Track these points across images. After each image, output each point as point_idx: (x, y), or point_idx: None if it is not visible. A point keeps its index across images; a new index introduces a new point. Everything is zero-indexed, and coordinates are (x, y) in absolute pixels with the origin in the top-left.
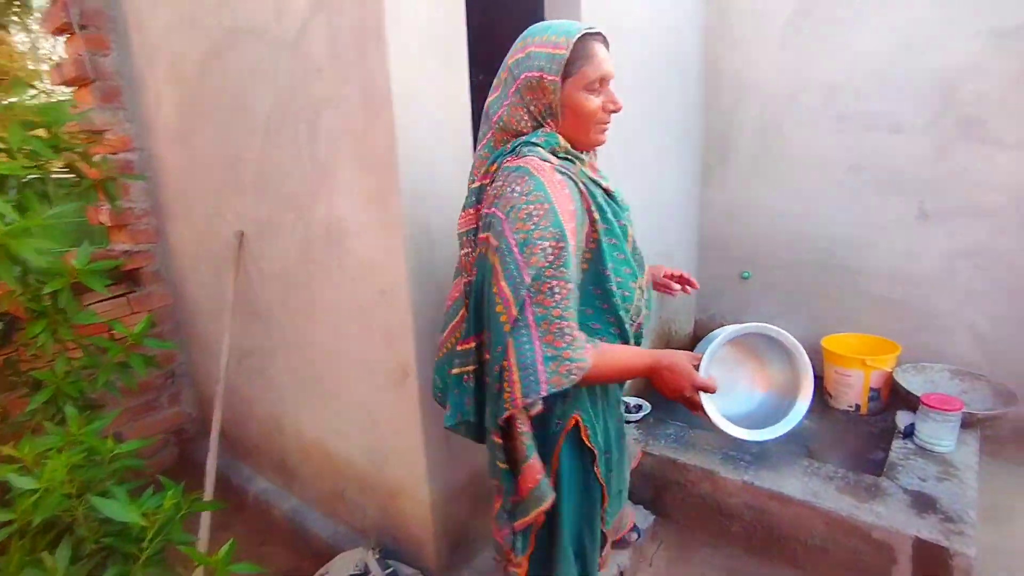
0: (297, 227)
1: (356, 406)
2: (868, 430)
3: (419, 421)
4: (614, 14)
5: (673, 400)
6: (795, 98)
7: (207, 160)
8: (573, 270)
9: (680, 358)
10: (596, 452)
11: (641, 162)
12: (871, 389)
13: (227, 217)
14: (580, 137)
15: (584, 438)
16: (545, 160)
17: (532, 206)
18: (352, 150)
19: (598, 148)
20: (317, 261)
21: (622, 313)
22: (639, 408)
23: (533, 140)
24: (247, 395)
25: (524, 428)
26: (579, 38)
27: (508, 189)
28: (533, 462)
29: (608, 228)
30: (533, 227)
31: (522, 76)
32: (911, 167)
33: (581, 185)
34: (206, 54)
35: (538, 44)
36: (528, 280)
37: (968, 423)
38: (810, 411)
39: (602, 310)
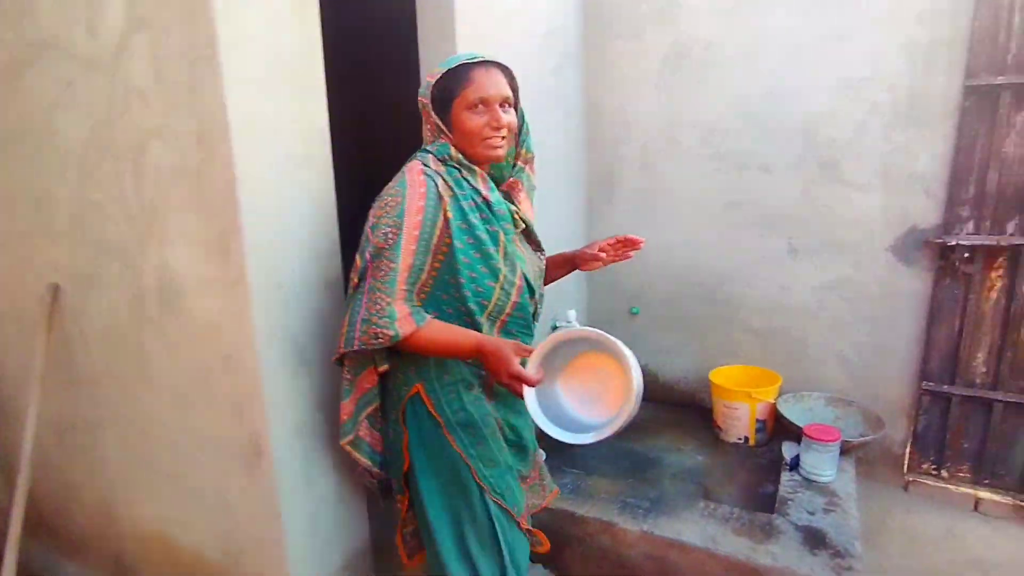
0: (124, 280)
1: (203, 490)
2: (758, 462)
3: (278, 505)
4: (489, 52)
5: (502, 384)
6: (673, 137)
7: (8, 197)
8: (405, 255)
9: (504, 346)
10: (442, 420)
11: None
12: (757, 421)
13: (37, 267)
14: (470, 151)
15: (430, 407)
16: (426, 165)
17: (390, 198)
18: (185, 190)
19: (525, 166)
20: (149, 320)
21: (471, 304)
22: None
23: (428, 148)
24: (71, 477)
25: (347, 375)
26: (462, 65)
27: (389, 184)
28: (346, 403)
29: (467, 229)
30: (384, 215)
31: (419, 100)
32: (781, 205)
33: (445, 188)
34: (3, 72)
35: (429, 73)
36: (369, 256)
37: (844, 450)
38: (703, 446)
39: (455, 298)
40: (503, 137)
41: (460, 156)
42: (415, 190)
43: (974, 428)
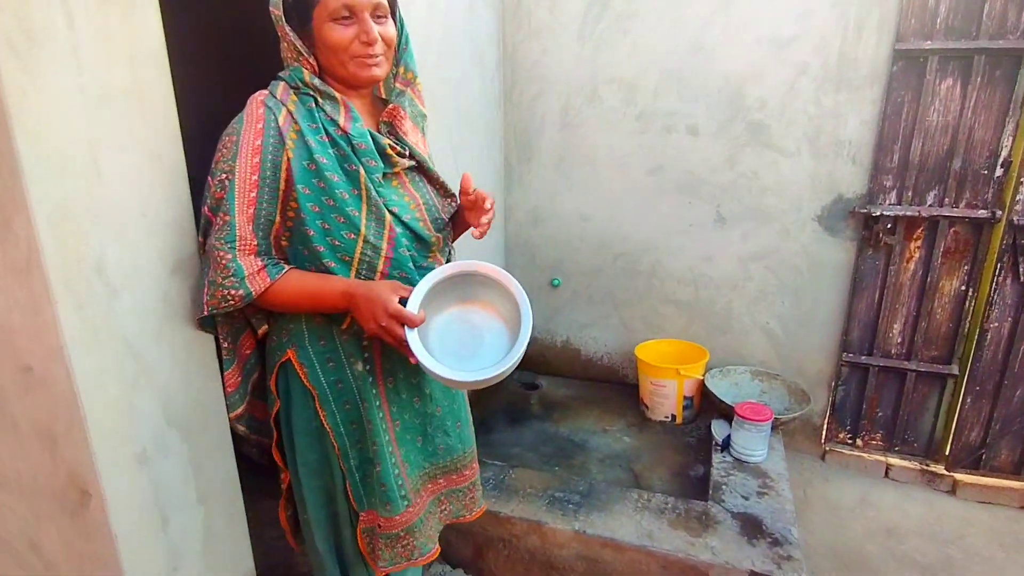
0: None
1: (11, 544)
2: (686, 441)
3: (118, 557)
4: None
5: (376, 335)
6: (596, 94)
7: None
8: (245, 203)
9: (380, 287)
10: (315, 392)
11: (436, 156)
12: (685, 398)
13: None
14: (340, 72)
15: (302, 377)
16: (272, 95)
17: (226, 138)
18: None
19: (407, 88)
20: None
21: (329, 260)
22: None
23: (279, 74)
24: None
25: (225, 343)
26: None
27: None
28: (229, 373)
29: (314, 171)
30: (219, 159)
31: (271, 11)
32: (708, 171)
33: (289, 122)
34: None
35: None
36: (208, 209)
37: (773, 426)
38: (630, 426)
39: (314, 253)
40: (379, 53)
41: (317, 81)
42: (251, 126)
43: (888, 397)
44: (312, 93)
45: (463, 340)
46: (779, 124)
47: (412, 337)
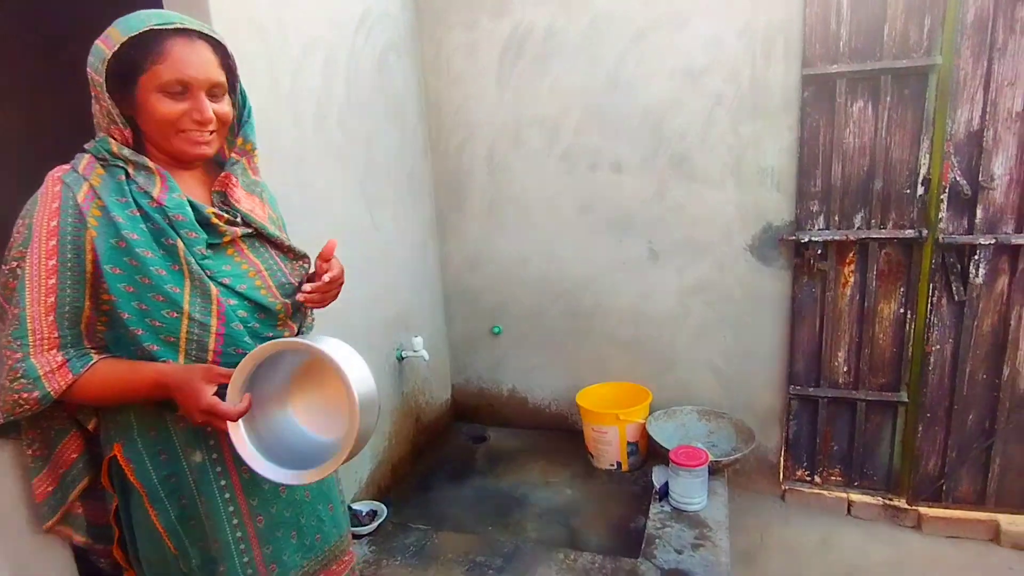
0: None
1: None
2: (631, 490)
3: None
4: (266, 19)
5: (199, 424)
6: (519, 136)
7: None
8: (41, 293)
9: (192, 374)
10: (143, 490)
11: (344, 215)
12: (629, 443)
13: None
14: (165, 146)
15: (128, 473)
16: (74, 169)
17: (20, 222)
18: None
19: (241, 159)
20: None
21: (151, 343)
22: (373, 515)
23: (86, 146)
24: None
25: (35, 451)
26: (151, 32)
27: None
28: (39, 480)
29: (124, 248)
30: (13, 245)
31: (88, 75)
32: (637, 206)
33: (91, 199)
34: None
35: (101, 38)
36: (2, 301)
37: (715, 469)
38: (574, 476)
39: (136, 336)
40: (211, 131)
41: (127, 151)
42: (45, 207)
43: (841, 429)
44: (122, 164)
45: (308, 423)
46: (701, 155)
47: (234, 431)
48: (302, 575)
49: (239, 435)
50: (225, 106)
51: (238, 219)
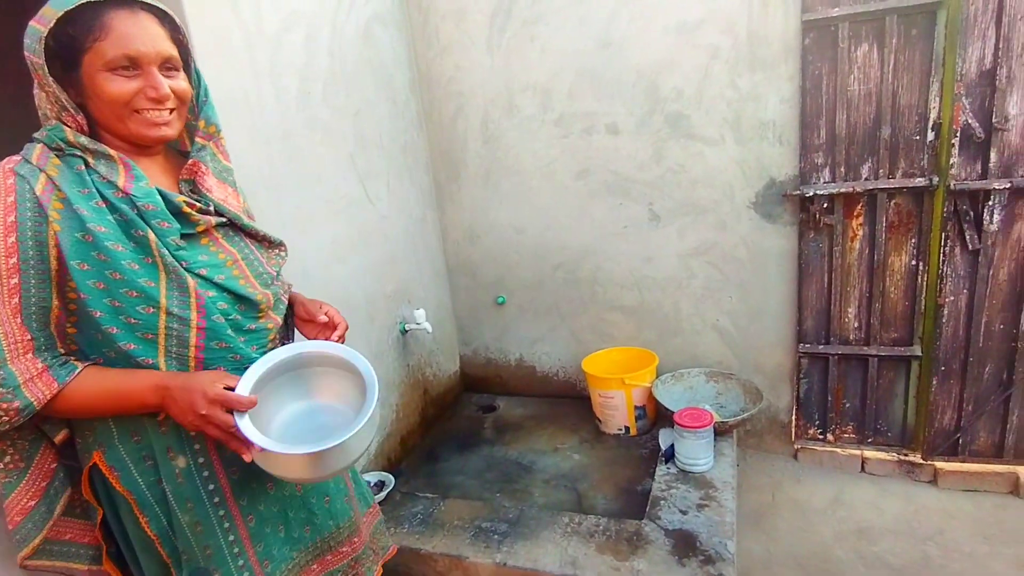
0: None
1: None
2: (639, 453)
3: None
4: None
5: (198, 429)
6: (512, 103)
7: None
8: (5, 294)
9: (200, 376)
10: (131, 498)
11: (336, 190)
12: (636, 407)
13: None
14: (120, 131)
15: (113, 482)
16: (26, 160)
17: None
18: None
19: (208, 143)
20: None
21: (127, 342)
22: (381, 485)
23: (35, 135)
24: None
25: (7, 463)
26: (87, 4)
27: None
28: (14, 498)
29: (91, 243)
30: None
31: (26, 58)
32: (635, 169)
33: (51, 191)
34: None
35: (36, 17)
36: None
37: (722, 431)
38: (582, 442)
39: (111, 335)
40: (170, 109)
41: (84, 139)
42: (0, 201)
43: (853, 386)
44: (80, 154)
45: (307, 432)
46: (699, 113)
47: (243, 423)
48: (293, 567)
49: (247, 425)
50: (182, 82)
51: (211, 208)
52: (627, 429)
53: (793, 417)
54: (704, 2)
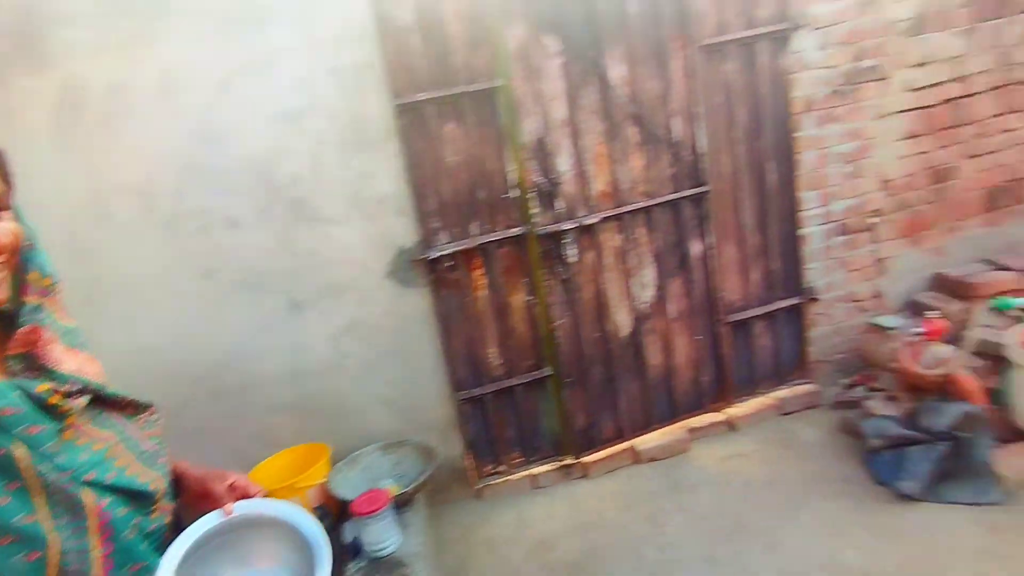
0: None
1: None
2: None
3: None
4: None
5: None
6: (106, 209)
7: None
8: None
9: None
10: None
11: None
12: (316, 509)
13: None
14: None
15: None
16: None
17: None
18: None
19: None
20: None
21: None
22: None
23: None
24: None
25: None
26: None
27: None
28: None
29: None
30: None
31: None
32: (265, 260)
33: None
34: None
35: None
36: None
37: (406, 500)
38: None
39: None
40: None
41: None
42: None
43: (508, 416)
44: None
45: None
46: (319, 195)
47: None
48: None
49: None
50: (9, 224)
51: (76, 387)
52: None
53: (468, 462)
54: (304, 90)
